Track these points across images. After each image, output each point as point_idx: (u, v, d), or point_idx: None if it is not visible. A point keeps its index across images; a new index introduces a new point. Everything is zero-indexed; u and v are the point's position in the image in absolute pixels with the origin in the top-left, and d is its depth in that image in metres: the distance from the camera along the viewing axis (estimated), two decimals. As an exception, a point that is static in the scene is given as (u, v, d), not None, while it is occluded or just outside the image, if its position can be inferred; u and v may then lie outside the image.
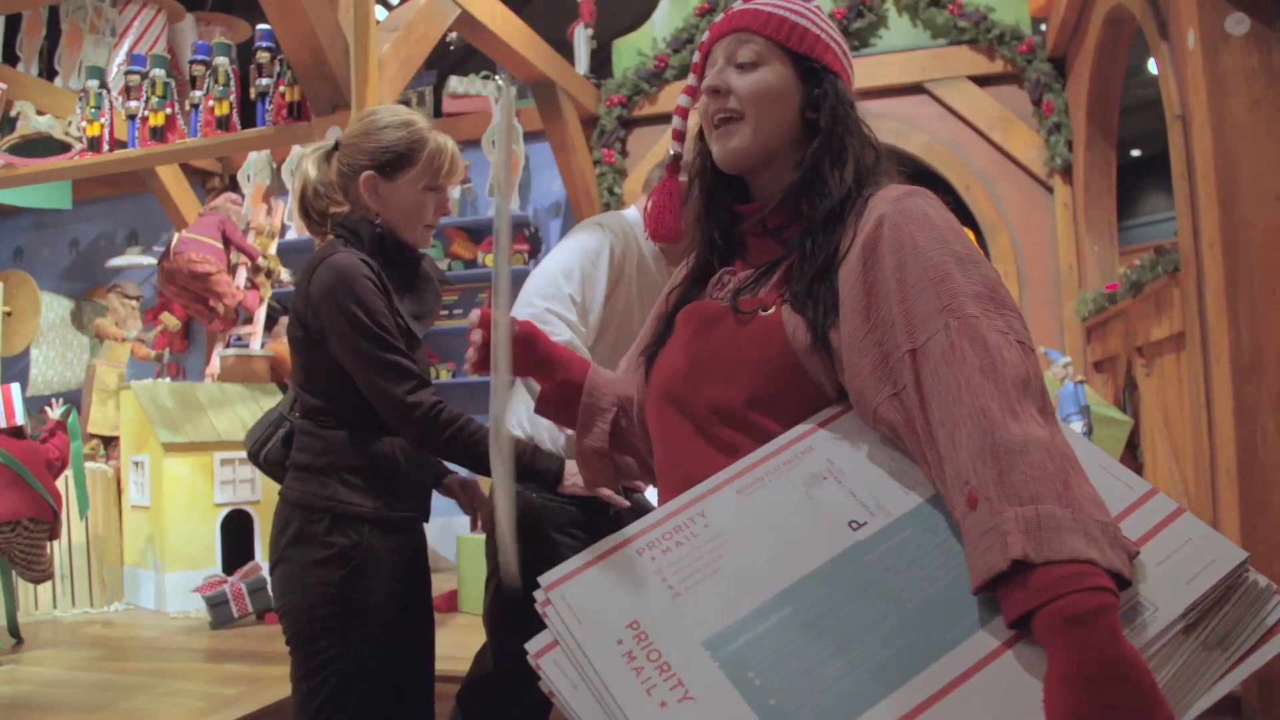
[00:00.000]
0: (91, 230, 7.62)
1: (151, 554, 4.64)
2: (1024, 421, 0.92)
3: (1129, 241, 10.72)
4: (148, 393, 4.71)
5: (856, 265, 1.10)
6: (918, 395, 1.00)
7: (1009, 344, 0.98)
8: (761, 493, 1.05)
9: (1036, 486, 0.87)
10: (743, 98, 1.22)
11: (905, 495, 1.03)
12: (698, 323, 1.23)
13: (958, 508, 0.94)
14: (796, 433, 1.11)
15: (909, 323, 1.02)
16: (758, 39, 1.23)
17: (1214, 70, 2.73)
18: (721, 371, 1.17)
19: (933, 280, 1.02)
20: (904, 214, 1.09)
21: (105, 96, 4.13)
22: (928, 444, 0.99)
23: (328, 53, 3.40)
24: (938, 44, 5.58)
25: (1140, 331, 3.82)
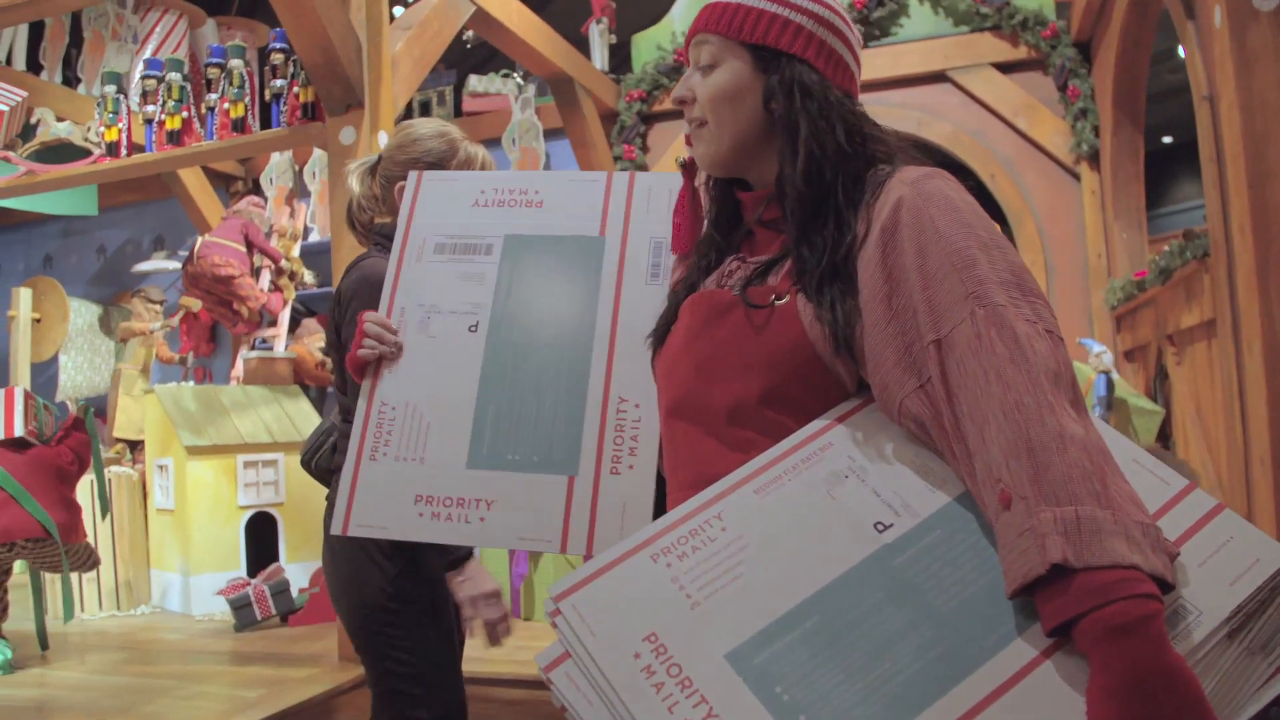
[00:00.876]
0: (118, 236, 7.68)
1: (176, 557, 4.66)
2: (1059, 415, 0.87)
3: (1163, 229, 10.55)
4: (171, 396, 4.73)
5: (875, 252, 1.05)
6: (944, 388, 0.95)
7: (1038, 334, 0.93)
8: (781, 493, 1.01)
9: (1075, 486, 0.83)
10: (703, 103, 1.19)
11: (932, 494, 0.98)
12: (705, 313, 1.17)
13: (990, 507, 0.89)
14: (815, 428, 1.06)
15: (932, 311, 0.98)
16: (712, 39, 1.19)
17: (1241, 48, 2.65)
18: (733, 366, 1.12)
19: (956, 266, 0.98)
20: (923, 197, 1.04)
21: (122, 102, 4.14)
22: (956, 439, 0.94)
23: (340, 52, 3.38)
24: (960, 31, 5.50)
25: (1170, 319, 3.74)
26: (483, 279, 1.43)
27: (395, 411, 1.38)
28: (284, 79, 3.73)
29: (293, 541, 4.80)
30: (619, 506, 1.28)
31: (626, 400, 1.33)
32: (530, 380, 1.36)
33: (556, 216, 1.46)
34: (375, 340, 1.42)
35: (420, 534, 1.32)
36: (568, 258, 1.43)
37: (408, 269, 1.46)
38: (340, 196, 3.53)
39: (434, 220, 1.50)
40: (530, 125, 6.32)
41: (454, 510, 1.31)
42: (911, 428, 1.01)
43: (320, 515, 4.88)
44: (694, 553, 0.96)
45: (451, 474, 1.33)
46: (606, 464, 1.31)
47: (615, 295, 1.40)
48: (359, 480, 1.36)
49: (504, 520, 1.30)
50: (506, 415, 1.35)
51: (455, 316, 1.42)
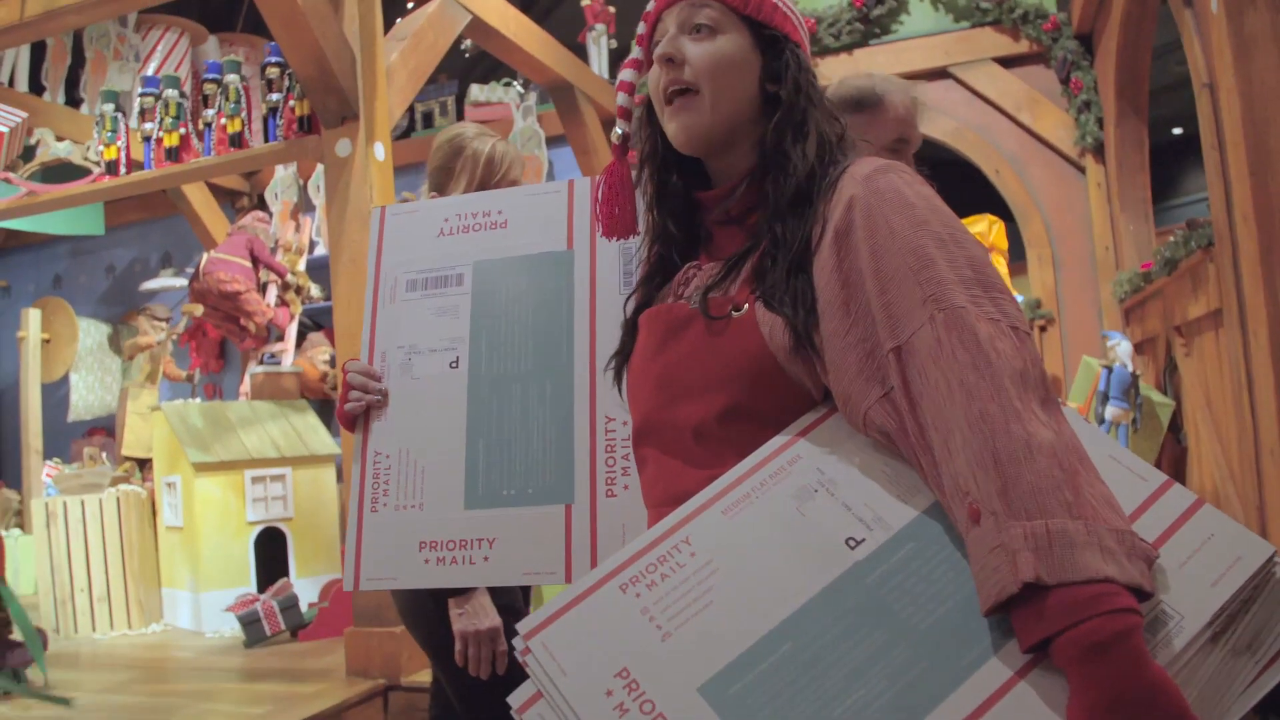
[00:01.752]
0: (126, 255, 7.72)
1: (186, 574, 4.66)
2: (1026, 421, 0.83)
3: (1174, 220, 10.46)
4: (178, 414, 4.73)
5: (829, 256, 1.01)
6: (906, 397, 0.91)
7: (1002, 333, 0.89)
8: (749, 512, 0.97)
9: (1044, 497, 0.80)
10: (699, 68, 1.11)
11: (904, 506, 0.94)
12: (663, 329, 1.13)
13: (960, 521, 0.86)
14: (781, 441, 1.02)
15: (890, 317, 0.93)
16: (713, 4, 1.12)
17: (1239, 34, 2.62)
18: (695, 383, 1.08)
19: (913, 268, 0.93)
20: (876, 194, 1.00)
21: (121, 120, 4.15)
22: (922, 450, 0.90)
23: (334, 64, 3.38)
24: (961, 27, 5.46)
25: (1178, 310, 3.69)
26: (457, 312, 1.42)
27: (390, 460, 1.38)
28: (280, 93, 3.73)
29: (302, 556, 4.79)
30: (618, 529, 1.28)
31: (614, 419, 1.32)
32: (516, 411, 1.36)
33: (522, 235, 1.43)
34: (360, 391, 1.40)
35: (429, 580, 1.33)
36: (538, 277, 1.40)
37: (383, 311, 1.45)
38: (337, 208, 3.52)
39: (402, 256, 1.47)
40: (532, 133, 6.31)
41: (458, 553, 1.32)
42: (878, 438, 0.97)
43: (329, 529, 4.86)
44: (663, 580, 0.93)
45: (451, 517, 1.34)
46: (601, 488, 1.30)
47: (590, 310, 1.37)
48: (364, 534, 1.37)
49: (507, 557, 1.31)
50: (497, 450, 1.35)
51: (435, 355, 1.41)
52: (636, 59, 1.21)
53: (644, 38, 1.20)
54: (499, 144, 1.95)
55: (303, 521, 4.83)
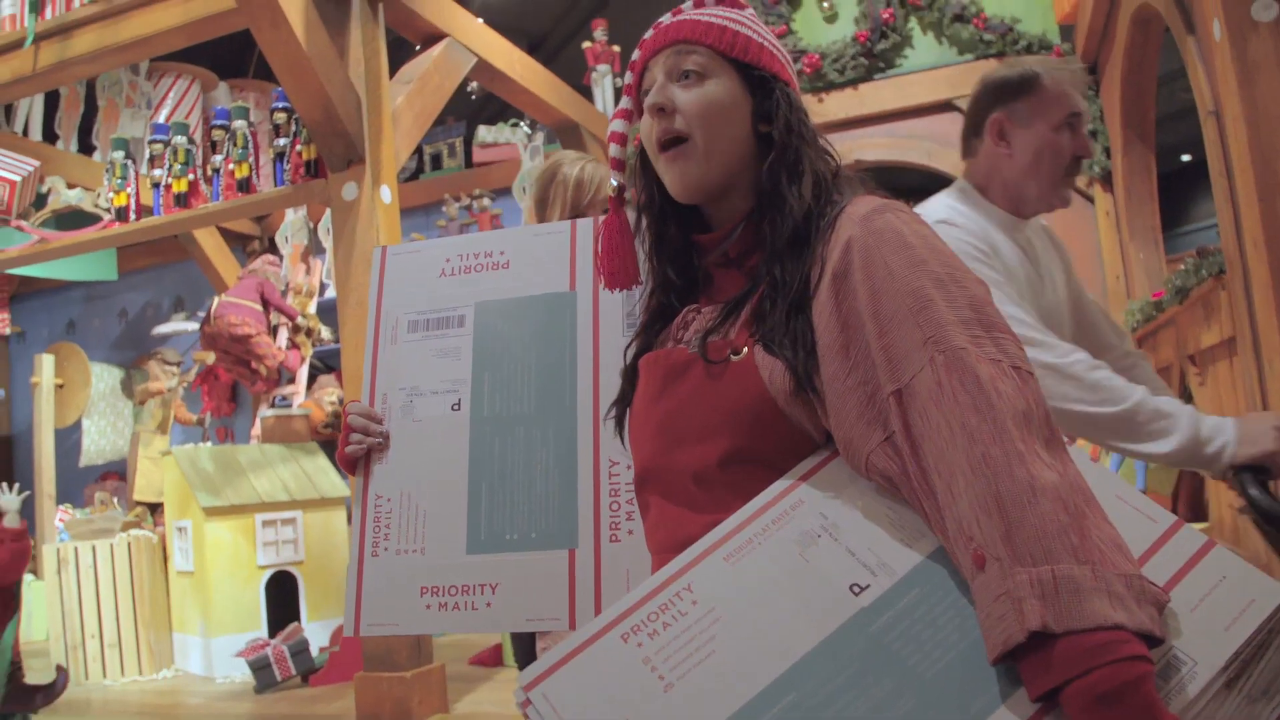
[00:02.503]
0: (139, 299, 7.76)
1: (197, 619, 4.63)
2: (1029, 463, 0.82)
3: (1183, 248, 10.43)
4: (188, 458, 4.73)
5: (828, 298, 0.99)
6: (908, 441, 0.90)
7: (1003, 373, 0.87)
8: (751, 558, 0.95)
9: (1049, 542, 0.78)
10: (689, 116, 1.10)
11: (908, 550, 0.92)
12: (663, 374, 1.11)
13: (964, 566, 0.84)
14: (783, 486, 1.00)
15: (890, 360, 0.92)
16: (700, 49, 1.11)
17: (1243, 60, 2.60)
18: (695, 428, 1.06)
19: (911, 309, 0.92)
20: (874, 235, 0.98)
21: (130, 167, 4.19)
22: (924, 494, 0.89)
23: (339, 109, 3.40)
24: (965, 59, 5.47)
25: (1190, 339, 3.65)
26: (459, 353, 1.40)
27: (391, 503, 1.37)
28: (286, 138, 3.76)
29: (313, 599, 4.76)
30: (623, 574, 1.25)
31: (618, 463, 1.30)
32: (519, 454, 1.34)
33: (524, 276, 1.42)
34: (361, 433, 1.39)
35: (430, 626, 1.31)
36: (541, 319, 1.39)
37: (384, 352, 1.44)
38: (344, 251, 3.53)
39: (403, 297, 1.46)
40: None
41: (460, 598, 1.30)
42: (880, 482, 0.95)
43: (340, 572, 4.84)
44: (665, 629, 0.91)
45: (453, 562, 1.32)
46: (605, 532, 1.27)
47: (593, 352, 1.35)
48: (364, 579, 1.35)
49: (510, 603, 1.29)
50: (500, 494, 1.33)
51: (437, 397, 1.39)
52: (626, 109, 1.20)
53: (632, 87, 1.20)
54: (589, 165, 1.94)
55: (313, 565, 4.80)
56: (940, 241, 1.00)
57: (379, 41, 3.68)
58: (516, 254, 1.43)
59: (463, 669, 4.19)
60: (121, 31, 3.81)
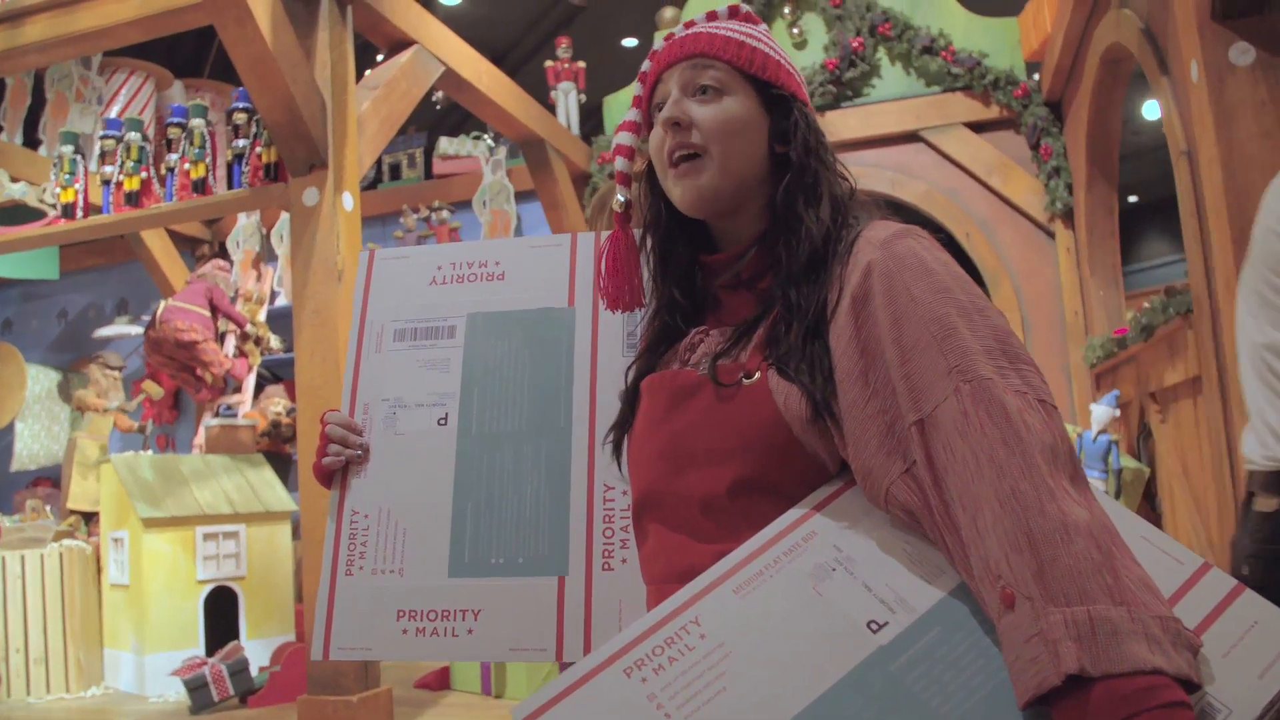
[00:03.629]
0: (80, 300, 7.54)
1: (130, 635, 4.45)
2: (1060, 500, 0.78)
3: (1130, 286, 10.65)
4: (127, 466, 4.56)
5: (847, 323, 0.95)
6: (930, 473, 0.86)
7: (1030, 405, 0.84)
8: (762, 591, 0.90)
9: (1084, 581, 0.74)
10: (707, 131, 1.06)
11: (928, 587, 0.88)
12: (669, 397, 1.06)
13: (991, 605, 0.80)
14: (795, 516, 0.96)
15: (912, 389, 0.88)
16: (718, 64, 1.08)
17: (1220, 102, 2.62)
18: (703, 453, 1.01)
19: (936, 337, 0.89)
20: (895, 260, 0.95)
21: (79, 162, 4.04)
22: (947, 529, 0.85)
23: (304, 111, 3.30)
24: (932, 91, 5.51)
25: (1153, 376, 3.68)
26: (448, 365, 1.33)
27: (368, 520, 1.28)
28: (246, 139, 3.65)
29: (254, 617, 4.61)
30: (614, 605, 1.19)
31: (613, 488, 1.23)
32: (508, 474, 1.26)
33: (520, 289, 1.35)
34: (340, 444, 1.31)
35: (406, 653, 1.23)
36: (536, 334, 1.32)
37: (367, 361, 1.36)
38: (302, 258, 3.42)
39: (390, 304, 1.39)
40: (501, 187, 6.27)
41: (439, 624, 1.22)
42: (900, 515, 0.91)
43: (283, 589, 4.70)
44: (671, 664, 0.85)
45: (433, 585, 1.24)
46: (598, 560, 1.20)
47: (591, 372, 1.29)
48: (336, 599, 1.27)
49: (493, 631, 1.21)
50: (486, 515, 1.25)
51: (422, 410, 1.32)
52: (634, 121, 1.16)
53: (641, 99, 1.16)
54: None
55: (255, 581, 4.65)
56: (960, 270, 0.97)
57: (347, 45, 3.59)
58: (512, 266, 1.36)
59: (409, 692, 4.07)
60: (76, 21, 3.68)
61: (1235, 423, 2.73)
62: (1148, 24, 3.26)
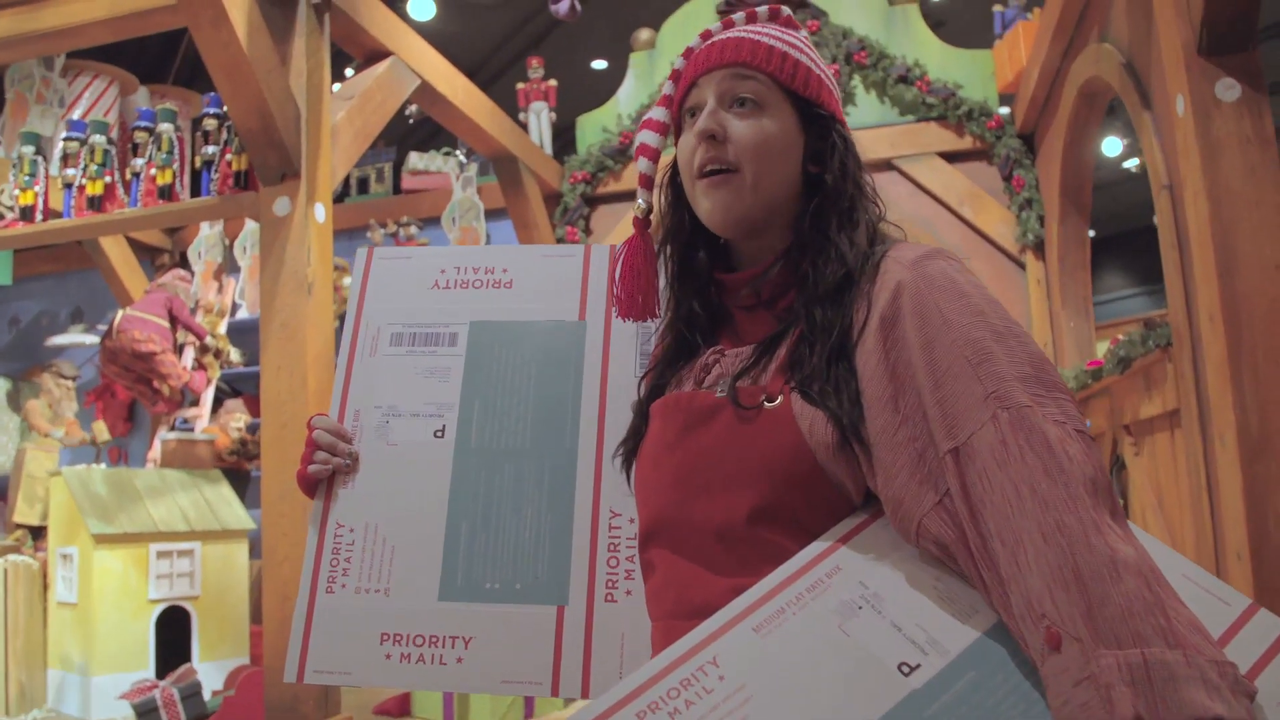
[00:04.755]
0: (33, 307, 7.35)
1: (77, 655, 4.29)
2: (1106, 535, 0.74)
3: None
4: (79, 479, 4.41)
5: (875, 346, 0.91)
6: (965, 504, 0.81)
7: (1069, 436, 0.80)
8: (785, 630, 0.85)
9: (1137, 622, 0.70)
10: (743, 148, 1.01)
11: (961, 626, 0.83)
12: (684, 419, 1.01)
13: (1033, 646, 0.75)
14: (819, 549, 0.90)
15: (946, 415, 0.84)
16: (759, 76, 1.03)
17: (1206, 137, 2.63)
18: (719, 479, 0.96)
19: (971, 361, 0.84)
20: (926, 281, 0.91)
21: (40, 164, 3.92)
22: (984, 564, 0.80)
23: (277, 118, 3.22)
24: (906, 120, 5.53)
25: (1128, 409, 3.68)
26: (447, 375, 1.26)
27: (354, 535, 1.20)
28: (216, 146, 3.55)
29: (207, 638, 4.46)
30: (617, 639, 1.12)
31: (620, 515, 1.16)
32: (508, 494, 1.19)
33: (529, 299, 1.28)
34: (327, 451, 1.23)
35: (389, 679, 1.15)
36: (544, 347, 1.25)
37: (360, 364, 1.28)
38: (271, 269, 3.33)
39: (388, 306, 1.31)
40: (471, 204, 6.19)
41: (426, 650, 1.15)
42: (932, 549, 0.86)
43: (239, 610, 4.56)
44: (688, 708, 0.80)
45: (421, 608, 1.16)
46: (600, 591, 1.14)
47: (600, 390, 1.22)
48: (315, 618, 1.18)
49: (485, 661, 1.14)
50: (482, 536, 1.18)
51: (418, 420, 1.24)
52: (661, 121, 1.10)
53: (672, 99, 1.10)
54: None
55: (209, 601, 4.51)
56: (992, 294, 0.93)
57: (323, 53, 3.52)
58: (521, 273, 1.30)
59: (368, 718, 3.95)
60: (41, 19, 3.56)
61: (1215, 456, 2.73)
62: (1129, 58, 3.28)
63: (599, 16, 6.75)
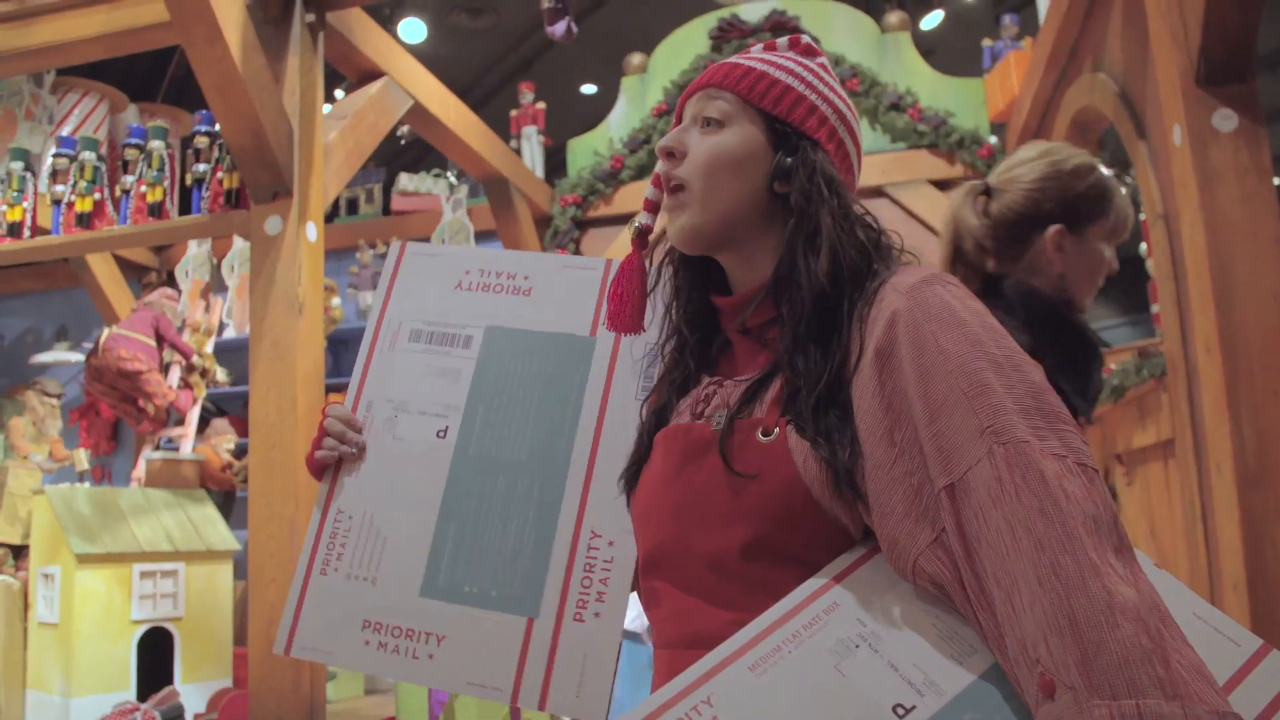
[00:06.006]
0: (17, 325, 7.29)
1: (57, 677, 4.22)
2: (1104, 576, 0.72)
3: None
4: (62, 498, 4.35)
5: (870, 378, 0.89)
6: (961, 544, 0.79)
7: (1069, 470, 0.78)
8: (780, 669, 0.83)
9: (1133, 671, 0.68)
10: (692, 163, 1.03)
11: (957, 667, 0.81)
12: (681, 452, 1.00)
13: (1028, 692, 0.73)
14: (815, 586, 0.88)
15: (941, 450, 0.82)
16: (726, 95, 1.04)
17: (1203, 167, 2.63)
18: (716, 513, 0.95)
19: (967, 394, 0.82)
20: (922, 308, 0.89)
21: (29, 180, 3.89)
22: (980, 605, 0.78)
23: (270, 136, 3.20)
24: (897, 148, 5.55)
25: (1120, 438, 3.67)
26: (458, 376, 1.28)
27: (351, 521, 1.25)
28: (207, 163, 3.53)
29: (190, 660, 4.40)
30: (579, 659, 1.14)
31: (600, 537, 1.17)
32: (497, 501, 1.21)
33: (545, 309, 1.30)
34: (336, 439, 1.26)
35: (366, 664, 1.19)
36: (552, 360, 1.27)
37: (379, 357, 1.31)
38: (261, 288, 3.30)
39: (412, 302, 1.34)
40: (460, 226, 6.18)
41: (402, 642, 1.19)
42: (928, 587, 0.84)
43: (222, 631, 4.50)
44: None
45: (403, 601, 1.20)
46: (570, 608, 1.16)
47: (599, 412, 1.23)
48: (307, 596, 1.23)
49: (454, 660, 1.17)
50: (468, 539, 1.21)
51: (424, 418, 1.27)
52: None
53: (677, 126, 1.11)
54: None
55: (193, 622, 4.45)
56: (993, 320, 0.90)
57: (317, 72, 3.51)
58: (540, 282, 1.31)
59: (350, 744, 3.90)
60: (33, 35, 3.55)
61: (1211, 486, 2.72)
62: (1124, 88, 3.29)
63: (589, 41, 6.77)
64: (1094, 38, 3.63)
